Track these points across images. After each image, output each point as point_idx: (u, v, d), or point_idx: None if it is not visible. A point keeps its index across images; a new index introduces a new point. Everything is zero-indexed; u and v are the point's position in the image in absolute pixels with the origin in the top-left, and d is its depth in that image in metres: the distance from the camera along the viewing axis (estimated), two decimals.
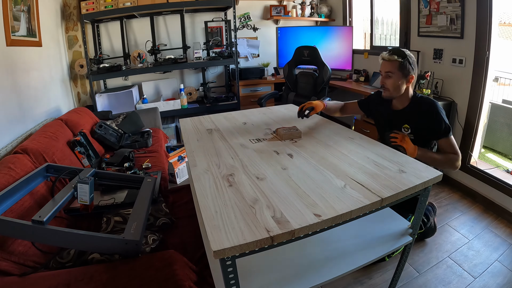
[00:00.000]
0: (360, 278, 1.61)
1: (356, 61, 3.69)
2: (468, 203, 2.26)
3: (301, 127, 1.64)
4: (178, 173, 2.67)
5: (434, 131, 1.51)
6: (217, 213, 0.90)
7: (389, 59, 1.54)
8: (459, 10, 2.25)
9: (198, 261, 1.25)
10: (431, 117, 1.50)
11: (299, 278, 1.03)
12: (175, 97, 3.61)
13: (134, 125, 2.73)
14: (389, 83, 1.56)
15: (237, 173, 1.16)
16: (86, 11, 2.82)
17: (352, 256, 1.14)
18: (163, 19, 3.48)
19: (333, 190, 1.01)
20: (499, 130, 2.90)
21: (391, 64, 1.53)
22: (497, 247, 1.80)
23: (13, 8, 1.97)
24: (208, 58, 3.44)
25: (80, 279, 0.98)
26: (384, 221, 1.34)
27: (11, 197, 1.18)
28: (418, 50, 2.70)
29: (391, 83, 1.55)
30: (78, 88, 3.16)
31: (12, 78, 1.93)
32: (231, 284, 0.86)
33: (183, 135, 1.67)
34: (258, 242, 0.79)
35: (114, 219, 1.35)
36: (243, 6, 3.76)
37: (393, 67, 1.53)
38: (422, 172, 1.11)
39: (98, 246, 1.08)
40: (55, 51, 2.76)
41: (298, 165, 1.21)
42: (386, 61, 1.56)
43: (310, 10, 4.00)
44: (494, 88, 3.08)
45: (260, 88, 3.71)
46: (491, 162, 2.77)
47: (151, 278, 1.00)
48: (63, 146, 1.79)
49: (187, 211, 1.63)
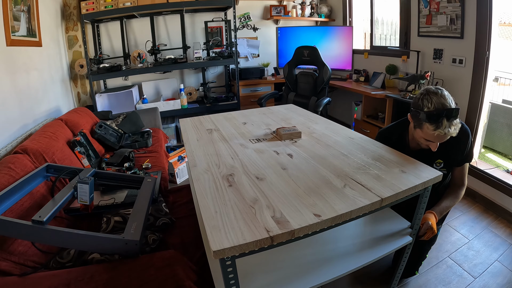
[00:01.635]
0: (360, 278, 1.61)
1: (356, 61, 3.69)
2: (468, 203, 2.26)
3: (301, 127, 1.64)
4: (178, 173, 2.67)
5: (462, 159, 1.37)
6: (217, 213, 0.90)
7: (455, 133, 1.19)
8: (459, 10, 2.25)
9: (198, 261, 1.25)
10: (464, 146, 1.33)
11: (299, 278, 1.03)
12: (175, 97, 3.61)
13: (134, 125, 2.73)
14: (436, 146, 1.25)
15: (237, 173, 1.16)
16: (86, 11, 2.82)
17: (352, 256, 1.14)
18: (163, 19, 3.48)
19: (333, 190, 1.01)
20: (499, 130, 2.90)
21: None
22: (497, 247, 1.80)
23: (13, 8, 1.97)
24: (208, 58, 3.44)
25: (80, 279, 0.98)
26: (384, 221, 1.34)
27: (11, 197, 1.18)
28: (418, 50, 2.70)
29: (437, 145, 1.25)
30: (78, 88, 3.16)
31: (12, 78, 1.93)
32: (231, 284, 0.86)
33: (183, 135, 1.67)
34: (258, 242, 0.79)
35: (114, 219, 1.35)
36: (243, 6, 3.76)
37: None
38: (422, 172, 1.11)
39: (98, 246, 1.08)
40: (55, 51, 2.76)
41: (298, 165, 1.21)
42: (447, 135, 1.18)
43: (310, 10, 4.00)
44: (494, 88, 3.08)
45: (260, 88, 3.71)
46: (491, 162, 2.77)
47: (151, 278, 1.00)
48: (63, 146, 1.79)
49: (187, 211, 1.63)
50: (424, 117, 1.17)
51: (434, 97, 1.17)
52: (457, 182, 1.41)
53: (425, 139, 1.24)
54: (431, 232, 1.25)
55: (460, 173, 1.40)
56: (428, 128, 1.18)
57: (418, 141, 1.29)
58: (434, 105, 1.16)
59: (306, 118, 1.88)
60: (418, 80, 2.51)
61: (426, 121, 1.17)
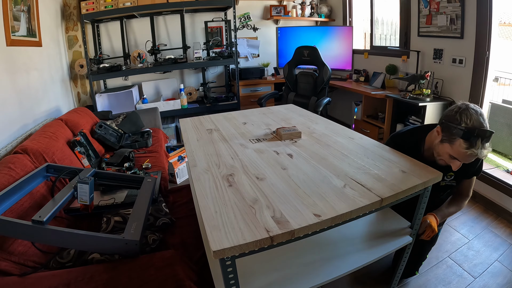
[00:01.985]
0: (360, 278, 1.61)
1: (356, 61, 3.69)
2: (468, 203, 2.25)
3: (301, 127, 1.64)
4: (178, 173, 2.67)
5: (472, 173, 1.34)
6: (217, 213, 0.90)
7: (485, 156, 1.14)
8: (459, 10, 2.25)
9: (198, 261, 1.25)
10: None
11: (299, 278, 1.03)
12: (175, 97, 3.61)
13: (134, 125, 2.73)
14: (458, 165, 1.18)
15: (237, 173, 1.16)
16: (86, 11, 2.82)
17: (352, 256, 1.14)
18: (163, 19, 3.48)
19: (333, 190, 1.01)
20: (499, 130, 2.89)
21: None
22: (497, 247, 1.80)
23: (13, 8, 1.97)
24: (208, 58, 3.44)
25: (80, 279, 0.98)
26: (384, 221, 1.34)
27: (11, 197, 1.18)
28: (418, 50, 2.70)
29: (460, 165, 1.18)
30: (78, 88, 3.16)
31: (12, 78, 1.93)
32: (231, 284, 0.86)
33: (183, 135, 1.67)
34: (258, 242, 0.79)
35: (114, 219, 1.35)
36: (243, 6, 3.76)
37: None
38: (422, 172, 1.11)
39: (98, 246, 1.08)
40: (55, 51, 2.76)
41: (298, 165, 1.21)
42: (476, 156, 1.11)
43: (310, 10, 4.00)
44: (494, 88, 3.07)
45: (260, 88, 3.71)
46: (491, 162, 2.77)
47: (151, 278, 1.00)
48: (63, 146, 1.79)
49: (187, 211, 1.63)
50: (460, 133, 1.09)
51: (474, 115, 1.10)
52: (463, 192, 1.41)
53: (450, 155, 1.16)
54: (431, 231, 1.25)
55: (468, 185, 1.39)
56: (460, 146, 1.10)
57: (441, 156, 1.21)
58: (473, 123, 1.08)
59: (306, 118, 1.88)
60: (418, 80, 2.51)
61: (461, 138, 1.09)
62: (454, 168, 1.18)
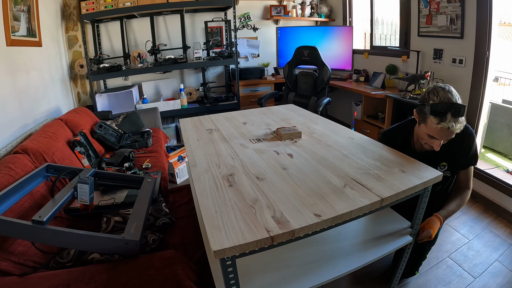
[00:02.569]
0: (360, 278, 1.61)
1: (356, 61, 3.69)
2: (468, 203, 2.26)
3: (301, 127, 1.64)
4: (178, 173, 2.67)
5: (466, 162, 1.35)
6: (217, 213, 0.90)
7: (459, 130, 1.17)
8: (459, 10, 2.25)
9: (198, 261, 1.25)
10: (468, 148, 1.31)
11: (299, 278, 1.03)
12: (175, 97, 3.61)
13: (134, 125, 2.73)
14: (438, 144, 1.22)
15: (237, 173, 1.16)
16: (86, 11, 2.82)
17: (352, 256, 1.14)
18: (163, 19, 3.48)
19: (333, 190, 1.01)
20: (499, 130, 2.90)
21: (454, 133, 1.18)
22: (497, 247, 1.80)
23: (13, 8, 1.97)
24: (208, 58, 3.44)
25: (80, 279, 0.98)
26: (384, 221, 1.34)
27: (11, 197, 1.18)
28: (418, 50, 2.70)
29: (440, 144, 1.23)
30: (78, 88, 3.16)
31: (12, 78, 1.93)
32: (231, 284, 0.86)
33: (183, 135, 1.67)
34: (258, 242, 0.79)
35: (114, 219, 1.35)
36: (243, 6, 3.76)
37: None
38: (422, 172, 1.11)
39: (98, 246, 1.08)
40: (55, 51, 2.76)
41: (298, 165, 1.21)
42: (450, 130, 1.15)
43: (310, 10, 4.00)
44: (494, 88, 3.08)
45: (260, 88, 3.71)
46: (491, 162, 2.77)
47: (151, 278, 1.00)
48: (63, 146, 1.79)
49: (187, 211, 1.63)
50: (429, 110, 1.16)
51: (441, 92, 1.18)
52: (462, 185, 1.41)
53: (428, 135, 1.22)
54: (427, 238, 1.25)
55: (465, 177, 1.39)
56: (432, 122, 1.16)
57: (422, 138, 1.27)
58: (440, 99, 1.16)
59: (306, 118, 1.88)
60: (418, 80, 2.51)
61: (431, 114, 1.16)
62: (436, 148, 1.23)
